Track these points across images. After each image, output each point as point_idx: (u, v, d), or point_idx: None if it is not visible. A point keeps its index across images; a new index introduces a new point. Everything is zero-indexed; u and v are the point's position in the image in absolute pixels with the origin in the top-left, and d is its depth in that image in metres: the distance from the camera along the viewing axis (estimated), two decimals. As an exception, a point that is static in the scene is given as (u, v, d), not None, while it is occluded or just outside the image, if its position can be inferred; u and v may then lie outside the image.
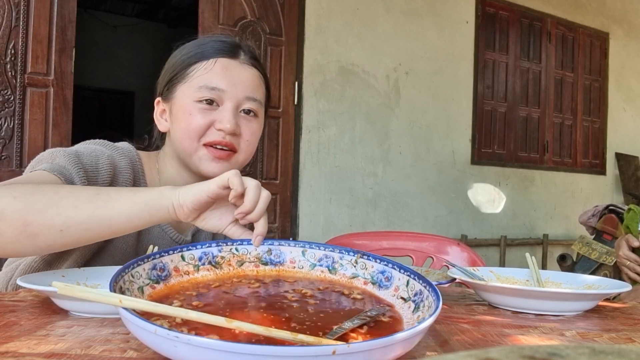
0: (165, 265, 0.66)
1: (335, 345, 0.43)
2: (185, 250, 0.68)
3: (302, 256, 0.72)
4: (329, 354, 0.43)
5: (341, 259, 0.70)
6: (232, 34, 3.23)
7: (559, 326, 0.69)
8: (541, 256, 4.59)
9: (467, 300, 0.88)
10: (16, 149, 2.60)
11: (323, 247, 0.72)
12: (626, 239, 1.61)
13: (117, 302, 0.50)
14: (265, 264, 0.71)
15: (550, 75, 4.78)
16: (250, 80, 0.97)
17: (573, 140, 4.93)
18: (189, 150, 0.94)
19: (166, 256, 0.66)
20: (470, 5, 4.25)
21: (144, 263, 0.63)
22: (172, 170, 1.01)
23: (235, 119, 0.94)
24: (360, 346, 0.44)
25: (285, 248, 0.72)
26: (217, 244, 0.70)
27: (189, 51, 0.98)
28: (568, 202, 4.87)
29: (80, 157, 0.89)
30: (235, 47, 0.98)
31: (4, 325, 0.60)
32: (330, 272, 0.70)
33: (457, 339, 0.60)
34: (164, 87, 1.00)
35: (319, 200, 3.57)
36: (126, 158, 0.96)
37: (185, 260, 0.68)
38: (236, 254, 0.71)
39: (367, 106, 3.77)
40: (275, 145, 3.43)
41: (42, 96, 2.68)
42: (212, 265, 0.69)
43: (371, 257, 0.69)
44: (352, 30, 3.69)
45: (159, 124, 1.02)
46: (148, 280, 0.63)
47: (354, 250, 0.70)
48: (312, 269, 0.71)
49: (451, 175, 4.17)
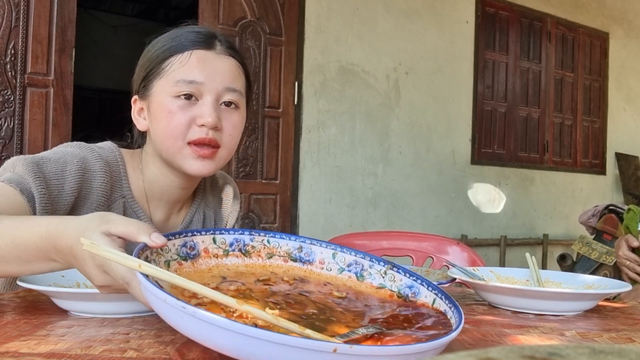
0: (196, 244, 0.66)
1: (337, 344, 0.43)
2: (218, 233, 0.69)
3: (332, 259, 0.71)
4: (330, 351, 0.42)
5: (371, 267, 0.69)
6: (232, 33, 3.24)
7: (559, 326, 0.69)
8: (541, 256, 4.59)
9: (467, 300, 0.88)
10: (16, 149, 2.60)
11: (354, 253, 0.70)
12: (626, 239, 1.61)
13: (136, 267, 0.51)
14: (294, 260, 0.71)
15: (550, 75, 4.78)
16: (229, 71, 0.93)
17: (573, 140, 4.93)
18: (172, 150, 0.91)
19: (198, 236, 0.67)
20: (470, 5, 4.25)
21: (174, 238, 0.64)
22: (155, 170, 0.98)
23: (217, 112, 0.90)
24: (362, 350, 0.44)
25: (317, 248, 0.71)
26: (250, 232, 0.71)
27: (162, 45, 0.94)
28: (568, 202, 4.87)
29: (43, 165, 0.86)
30: (211, 37, 0.94)
31: (4, 325, 0.60)
32: (357, 279, 0.69)
33: (457, 339, 0.60)
34: (140, 84, 0.96)
35: (319, 200, 3.57)
36: (101, 160, 0.92)
37: (216, 244, 0.68)
38: (267, 246, 0.71)
39: (367, 106, 3.77)
40: (275, 145, 3.43)
41: (42, 96, 2.68)
42: (242, 253, 0.69)
43: (401, 270, 0.68)
44: (352, 30, 3.69)
45: (138, 123, 0.98)
46: (176, 255, 0.64)
47: (385, 261, 0.69)
48: (339, 273, 0.70)
49: (451, 175, 4.17)
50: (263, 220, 3.39)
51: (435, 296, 0.62)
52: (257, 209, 3.38)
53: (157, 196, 0.99)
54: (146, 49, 0.98)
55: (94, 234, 0.61)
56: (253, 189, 3.36)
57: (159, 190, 0.99)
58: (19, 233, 0.68)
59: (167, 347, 0.53)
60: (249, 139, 3.34)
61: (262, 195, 3.40)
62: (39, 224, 0.67)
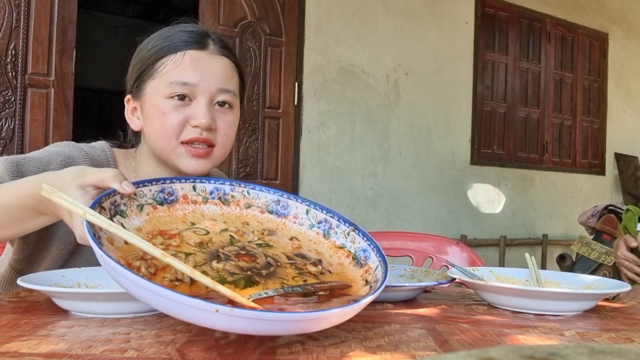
0: (175, 190, 0.68)
1: (219, 305, 0.45)
2: (198, 182, 0.71)
3: (305, 214, 0.74)
4: (212, 310, 0.45)
5: (337, 227, 0.73)
6: (232, 34, 3.24)
7: (559, 326, 0.70)
8: (540, 256, 4.59)
9: (466, 300, 0.88)
10: (17, 149, 2.60)
11: (325, 211, 0.74)
12: (624, 239, 1.61)
13: (81, 214, 0.55)
14: (270, 212, 0.74)
15: (549, 76, 4.78)
16: (222, 71, 0.93)
17: (572, 141, 4.94)
18: (167, 150, 0.91)
19: (177, 183, 0.69)
20: (470, 6, 4.25)
21: (151, 185, 0.66)
22: (149, 168, 0.97)
23: (210, 113, 0.90)
24: (242, 313, 0.46)
25: (293, 202, 0.75)
26: (231, 182, 0.74)
27: (154, 45, 0.93)
28: (567, 202, 4.88)
29: (24, 164, 0.86)
30: (204, 37, 0.94)
31: (5, 325, 0.60)
32: (324, 236, 0.73)
33: (457, 339, 0.60)
34: (133, 84, 0.96)
35: (319, 201, 3.54)
36: (88, 159, 0.92)
37: (196, 191, 0.70)
38: (246, 197, 0.74)
39: (367, 107, 3.77)
40: (275, 146, 3.44)
41: (43, 97, 2.68)
42: (221, 202, 0.72)
43: (361, 233, 0.71)
44: (352, 31, 3.69)
45: (131, 122, 0.98)
46: (152, 200, 0.65)
47: (351, 222, 0.72)
48: (309, 228, 0.73)
49: (451, 176, 4.17)
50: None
51: (378, 263, 0.65)
52: (257, 210, 3.38)
53: None
54: (138, 48, 0.97)
55: (70, 187, 0.65)
56: (253, 189, 3.36)
57: None
58: (6, 197, 0.74)
59: (167, 347, 0.53)
60: (249, 139, 3.34)
61: (262, 196, 3.40)
62: (22, 185, 0.74)
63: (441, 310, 0.77)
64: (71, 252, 0.92)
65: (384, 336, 0.59)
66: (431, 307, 0.80)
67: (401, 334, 0.61)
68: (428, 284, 0.84)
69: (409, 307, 0.78)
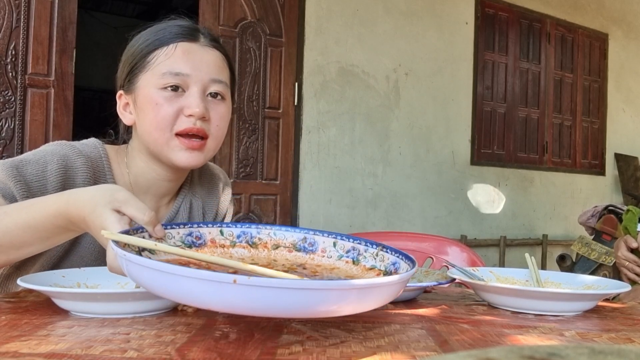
0: (202, 235, 0.69)
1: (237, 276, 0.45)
2: (225, 227, 0.72)
3: (333, 247, 0.75)
4: (230, 281, 0.45)
5: (365, 251, 0.73)
6: (232, 34, 3.24)
7: (559, 326, 0.70)
8: (540, 256, 4.59)
9: (466, 300, 0.88)
10: (17, 149, 2.60)
11: (352, 240, 0.75)
12: (624, 239, 1.61)
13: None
14: (298, 250, 0.75)
15: (549, 76, 4.78)
16: (214, 62, 0.94)
17: (572, 141, 4.94)
18: (161, 141, 0.91)
19: (204, 227, 0.70)
20: (470, 6, 4.26)
21: (178, 227, 0.67)
22: (142, 164, 0.97)
23: (204, 103, 0.91)
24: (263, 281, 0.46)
25: (319, 238, 0.76)
26: (257, 226, 0.75)
27: (146, 39, 0.94)
28: (567, 202, 4.88)
29: (23, 167, 0.87)
30: (194, 30, 0.96)
31: (5, 325, 0.60)
32: (354, 263, 0.73)
33: (457, 339, 0.60)
34: (125, 79, 0.96)
35: (319, 201, 3.57)
36: (82, 156, 0.92)
37: (224, 235, 0.71)
38: (273, 238, 0.75)
39: (367, 107, 3.77)
40: (275, 146, 3.44)
41: (43, 97, 2.68)
42: (249, 245, 0.73)
43: (389, 249, 0.72)
44: (352, 31, 3.69)
45: (124, 117, 0.98)
46: (180, 242, 0.67)
47: (377, 243, 0.73)
48: (338, 259, 0.74)
49: (451, 176, 4.17)
50: (263, 220, 3.39)
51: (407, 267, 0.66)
52: (257, 210, 3.38)
53: (143, 190, 0.99)
54: (129, 44, 0.98)
55: (104, 209, 0.67)
56: (253, 189, 3.37)
57: (146, 183, 0.99)
58: (33, 217, 0.74)
59: (167, 347, 0.53)
60: (249, 139, 3.35)
61: (262, 196, 3.40)
62: (49, 204, 0.74)
63: (441, 311, 0.77)
64: (67, 248, 0.92)
65: (384, 336, 0.60)
66: (431, 307, 0.80)
67: (401, 334, 0.61)
68: (428, 284, 0.84)
69: (409, 308, 0.78)
